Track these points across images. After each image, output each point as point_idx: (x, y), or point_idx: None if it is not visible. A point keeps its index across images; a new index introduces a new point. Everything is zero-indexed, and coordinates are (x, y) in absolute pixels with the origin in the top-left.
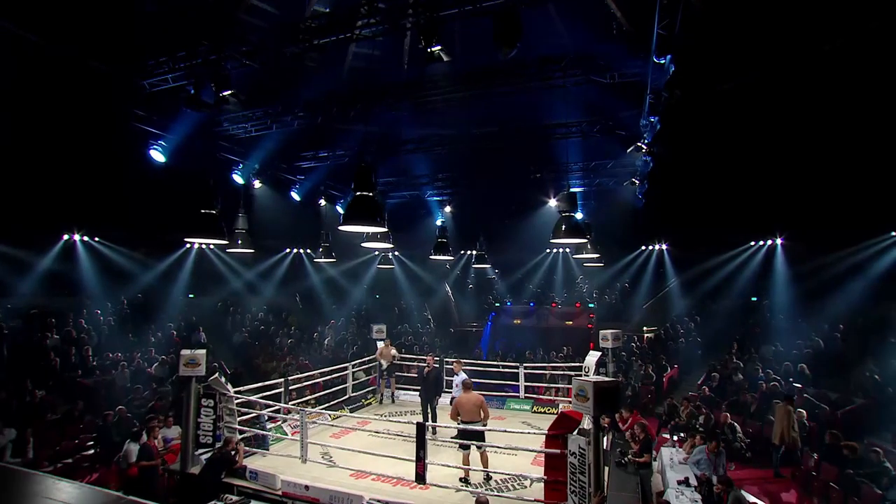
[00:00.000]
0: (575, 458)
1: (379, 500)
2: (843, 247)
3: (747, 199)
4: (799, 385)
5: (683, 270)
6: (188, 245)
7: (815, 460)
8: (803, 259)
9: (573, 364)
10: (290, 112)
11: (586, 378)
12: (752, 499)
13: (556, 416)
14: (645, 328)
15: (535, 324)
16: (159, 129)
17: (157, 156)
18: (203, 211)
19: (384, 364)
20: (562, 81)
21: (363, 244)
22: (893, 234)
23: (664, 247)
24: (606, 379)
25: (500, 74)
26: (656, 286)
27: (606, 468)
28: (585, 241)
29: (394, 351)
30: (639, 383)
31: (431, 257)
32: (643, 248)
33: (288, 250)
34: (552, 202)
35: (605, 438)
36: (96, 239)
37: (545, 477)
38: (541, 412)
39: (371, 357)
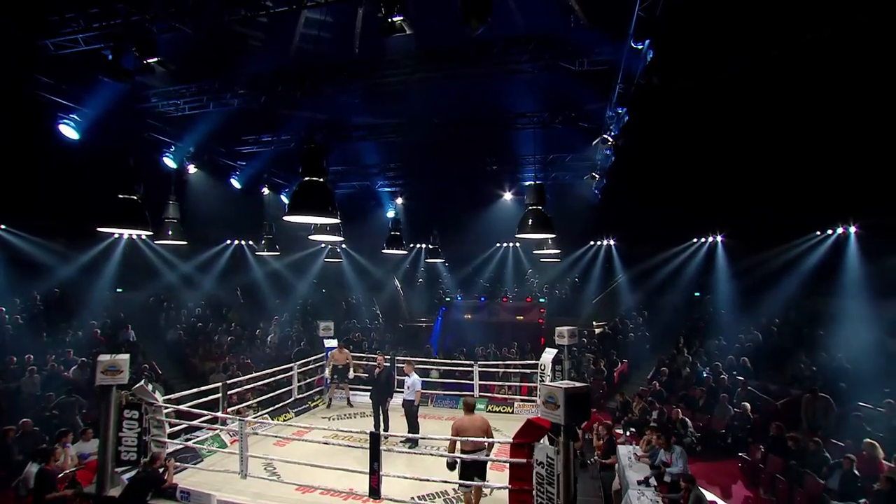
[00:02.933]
0: (542, 467)
1: None
2: (777, 244)
3: (694, 196)
4: (741, 378)
5: (630, 266)
6: (115, 235)
7: (763, 452)
8: (742, 256)
9: (529, 362)
10: (229, 89)
11: (555, 384)
12: (710, 497)
13: (510, 414)
14: (594, 322)
15: (486, 319)
16: (71, 101)
17: (69, 132)
18: (122, 196)
19: (338, 367)
20: (529, 66)
21: (311, 237)
22: (818, 232)
23: (612, 242)
24: (576, 384)
25: (462, 56)
26: (605, 281)
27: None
28: (553, 235)
29: (349, 357)
30: (590, 378)
31: (384, 251)
32: (591, 243)
33: (228, 242)
34: (507, 195)
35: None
36: (2, 227)
37: (510, 486)
38: (496, 411)
39: (318, 356)
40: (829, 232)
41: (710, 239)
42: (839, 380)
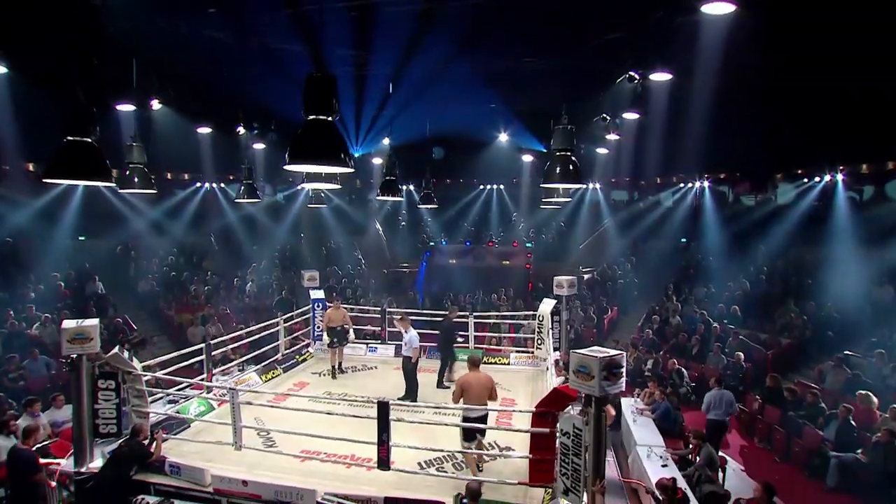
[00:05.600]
0: (568, 438)
1: (336, 495)
2: (762, 191)
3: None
4: (732, 327)
5: (617, 211)
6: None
7: (759, 403)
8: (729, 202)
9: (526, 313)
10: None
11: (588, 353)
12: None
13: (507, 365)
14: (581, 268)
15: (472, 263)
16: None
17: None
18: (72, 139)
19: (336, 329)
20: None
21: (305, 185)
22: (806, 180)
23: (598, 186)
24: (610, 352)
25: None
26: (591, 226)
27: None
28: (583, 186)
29: (346, 316)
30: (581, 326)
31: (378, 197)
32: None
33: (198, 185)
34: (503, 136)
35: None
36: None
37: (529, 455)
38: (491, 363)
39: (304, 309)
40: (817, 179)
41: (698, 184)
42: (827, 328)
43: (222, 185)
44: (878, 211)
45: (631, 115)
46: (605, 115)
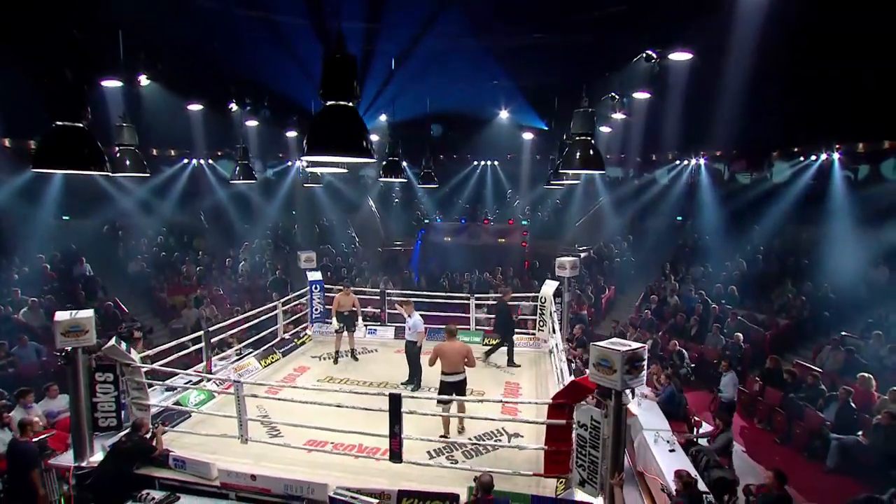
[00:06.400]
0: (585, 430)
1: (348, 489)
2: (758, 169)
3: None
4: (730, 307)
5: (613, 188)
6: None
7: (760, 384)
8: (724, 180)
9: (528, 294)
10: None
11: (610, 346)
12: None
13: None
14: (577, 246)
15: (467, 241)
16: None
17: None
18: (61, 124)
19: (344, 314)
20: None
21: (310, 169)
22: (802, 158)
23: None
24: (632, 345)
25: None
26: (587, 203)
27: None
28: (604, 171)
29: (355, 301)
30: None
31: (381, 179)
32: (551, 157)
33: (185, 161)
34: (504, 114)
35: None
36: None
37: (545, 447)
38: (492, 344)
39: (301, 293)
40: (813, 158)
41: (693, 161)
42: (824, 309)
43: (210, 161)
44: (874, 191)
45: (642, 95)
46: (614, 94)
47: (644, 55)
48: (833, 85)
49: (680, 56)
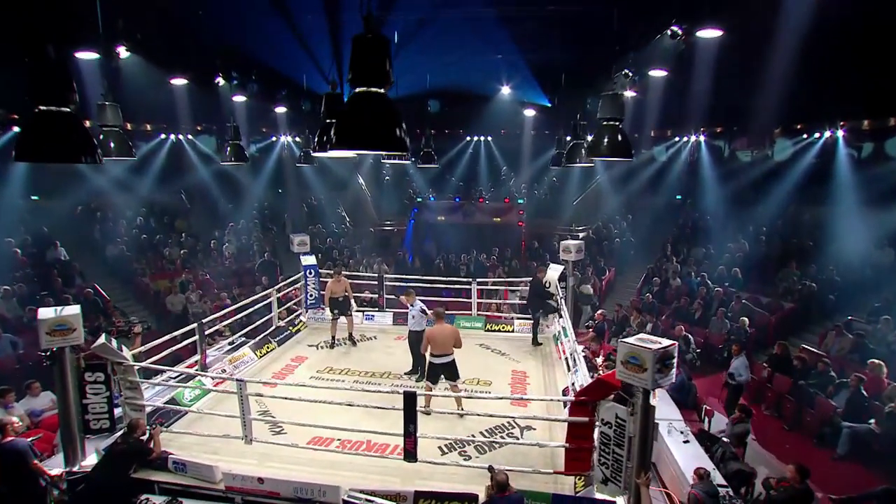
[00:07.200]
0: (610, 428)
1: (361, 491)
2: (759, 146)
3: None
4: (733, 290)
5: (610, 166)
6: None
7: (769, 371)
8: (725, 157)
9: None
10: None
11: (640, 344)
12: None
13: (511, 333)
14: (574, 226)
15: (462, 221)
16: None
17: None
18: (45, 109)
19: (337, 300)
20: None
21: (315, 153)
22: (805, 136)
23: (589, 138)
24: (662, 342)
25: None
26: (584, 181)
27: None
28: (631, 159)
29: (347, 287)
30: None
31: (385, 161)
32: (557, 137)
33: (163, 136)
34: (505, 89)
35: None
36: None
37: (566, 444)
38: (495, 329)
39: (295, 278)
40: (817, 136)
41: (693, 138)
42: (829, 292)
43: (190, 136)
44: (879, 170)
45: (658, 73)
46: (627, 70)
47: (669, 31)
48: (839, 59)
49: (709, 33)
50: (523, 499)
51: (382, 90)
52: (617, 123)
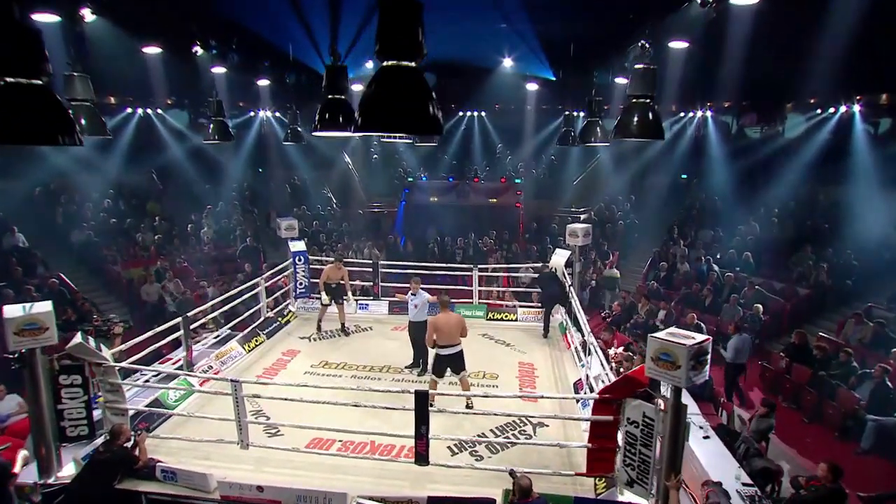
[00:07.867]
0: (636, 427)
1: (370, 498)
2: (769, 122)
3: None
4: (745, 275)
5: (612, 143)
6: None
7: (787, 361)
8: (732, 134)
9: (535, 265)
10: None
11: (673, 340)
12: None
13: (514, 322)
14: (574, 207)
15: (456, 201)
16: None
17: None
18: (12, 81)
19: (332, 286)
20: None
21: (315, 132)
22: (819, 111)
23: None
24: (696, 337)
25: None
26: (584, 160)
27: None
28: (663, 140)
29: (344, 274)
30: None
31: (385, 140)
32: (566, 113)
33: (129, 111)
34: (507, 62)
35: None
36: None
37: (588, 444)
38: (497, 318)
39: (283, 266)
40: (831, 111)
41: (699, 113)
42: (846, 277)
43: (159, 110)
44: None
45: (679, 45)
46: (644, 42)
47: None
48: (856, 29)
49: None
50: (546, 501)
51: (413, 63)
52: (648, 101)
